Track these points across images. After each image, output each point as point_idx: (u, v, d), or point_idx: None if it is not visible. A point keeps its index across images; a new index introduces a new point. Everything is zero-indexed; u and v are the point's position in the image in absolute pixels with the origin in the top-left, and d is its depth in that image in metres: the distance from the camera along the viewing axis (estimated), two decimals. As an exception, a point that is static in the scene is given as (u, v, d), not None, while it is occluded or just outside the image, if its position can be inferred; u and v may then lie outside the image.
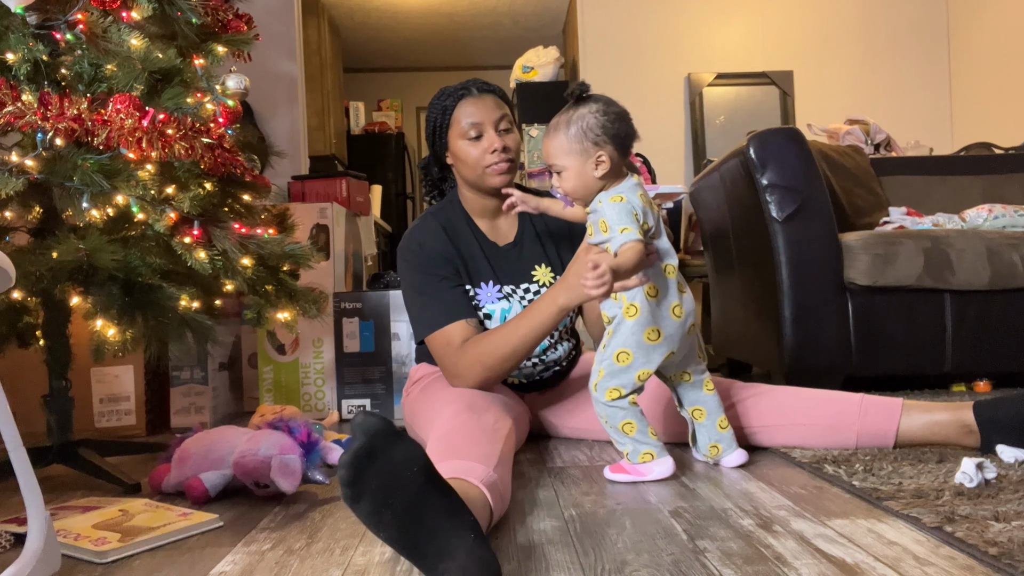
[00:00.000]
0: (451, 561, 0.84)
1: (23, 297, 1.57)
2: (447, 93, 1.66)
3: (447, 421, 1.32)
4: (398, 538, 0.86)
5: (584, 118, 1.36)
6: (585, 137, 1.36)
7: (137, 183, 1.46)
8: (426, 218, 1.70)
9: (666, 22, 4.97)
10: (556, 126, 1.39)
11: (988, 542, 0.95)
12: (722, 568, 0.94)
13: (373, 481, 0.85)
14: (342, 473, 0.84)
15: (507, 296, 1.67)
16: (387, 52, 6.72)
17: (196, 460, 1.41)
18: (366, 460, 0.85)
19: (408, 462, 0.87)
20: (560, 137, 1.38)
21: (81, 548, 1.09)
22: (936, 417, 1.48)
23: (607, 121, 1.36)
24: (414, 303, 1.65)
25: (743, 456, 1.47)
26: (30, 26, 1.47)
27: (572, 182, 1.39)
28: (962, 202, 2.77)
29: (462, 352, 1.55)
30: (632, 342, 1.35)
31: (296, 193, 3.02)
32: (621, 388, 1.37)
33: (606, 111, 1.37)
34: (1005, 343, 2.26)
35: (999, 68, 4.44)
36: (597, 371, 1.38)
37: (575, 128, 1.36)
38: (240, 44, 1.82)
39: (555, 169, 1.41)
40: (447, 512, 0.87)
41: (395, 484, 0.85)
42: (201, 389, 2.36)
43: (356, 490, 0.85)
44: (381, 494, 0.85)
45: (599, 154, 1.36)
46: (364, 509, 0.85)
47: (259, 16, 2.06)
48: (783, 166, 2.23)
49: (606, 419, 1.39)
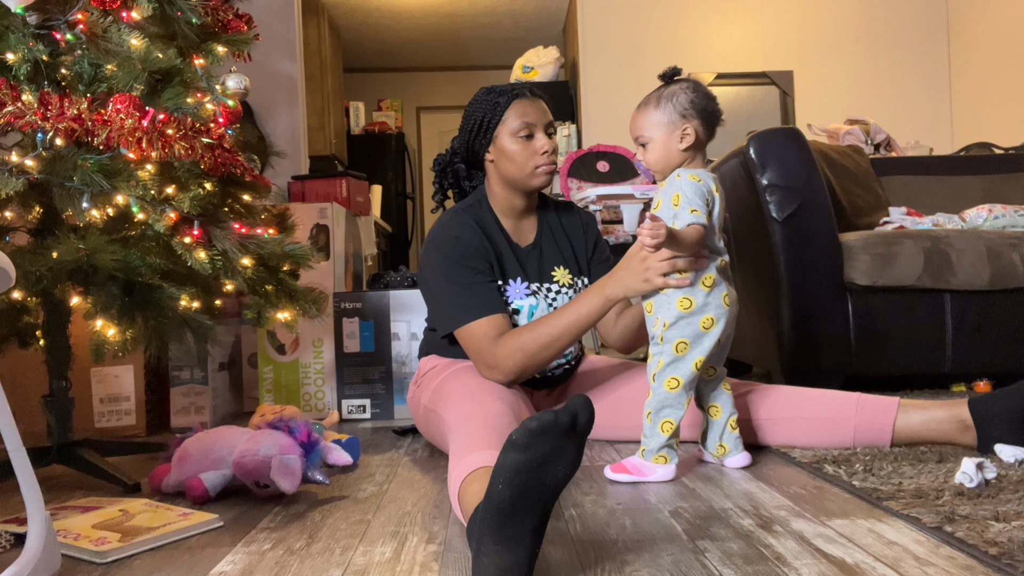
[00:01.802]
0: (511, 555, 0.86)
1: (23, 297, 1.57)
2: (498, 91, 1.67)
3: (491, 406, 1.34)
4: (504, 503, 0.87)
5: (676, 94, 1.45)
6: (674, 110, 1.44)
7: (137, 183, 1.46)
8: (458, 213, 1.69)
9: (666, 22, 4.97)
10: (647, 101, 1.47)
11: (988, 542, 0.95)
12: (722, 568, 0.94)
13: (542, 448, 0.87)
14: (534, 425, 0.86)
15: (534, 293, 1.68)
16: (387, 52, 6.73)
17: (196, 460, 1.41)
18: (557, 430, 0.87)
19: (568, 463, 0.89)
20: (650, 109, 1.46)
21: (81, 548, 1.09)
22: (932, 414, 1.50)
23: (696, 97, 1.45)
24: (445, 293, 1.62)
25: (747, 458, 1.48)
26: (30, 26, 1.47)
27: (656, 153, 1.46)
28: (962, 202, 2.77)
29: (501, 342, 1.54)
30: (689, 332, 1.40)
31: (296, 193, 3.02)
32: (680, 377, 1.40)
33: (696, 88, 1.46)
34: (1005, 343, 2.26)
35: (999, 68, 4.44)
36: (656, 363, 1.41)
37: (665, 102, 1.45)
38: (240, 44, 1.82)
39: (641, 141, 1.48)
40: (542, 523, 0.89)
41: (548, 464, 0.87)
42: (201, 389, 2.36)
43: (528, 439, 0.86)
44: (537, 460, 0.87)
45: (685, 127, 1.44)
46: (511, 459, 0.87)
47: (259, 16, 2.06)
48: (783, 166, 2.23)
49: (654, 410, 1.40)
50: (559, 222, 1.78)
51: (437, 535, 1.14)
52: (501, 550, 0.86)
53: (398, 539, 1.13)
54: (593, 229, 1.84)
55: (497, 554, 0.86)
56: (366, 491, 1.43)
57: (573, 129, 5.03)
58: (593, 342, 3.43)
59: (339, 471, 1.60)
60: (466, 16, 5.99)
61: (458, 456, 1.16)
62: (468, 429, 1.24)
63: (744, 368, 3.02)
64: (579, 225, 1.80)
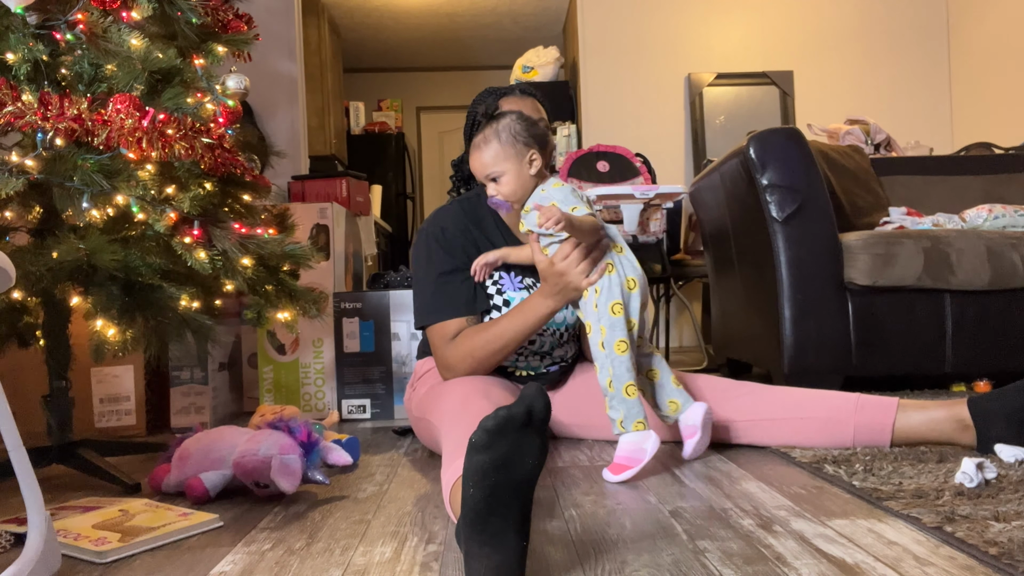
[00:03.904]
0: (497, 554, 0.86)
1: (23, 297, 1.57)
2: (490, 91, 1.76)
3: (465, 410, 1.35)
4: (479, 505, 0.87)
5: (509, 127, 1.52)
6: (516, 141, 1.51)
7: (137, 183, 1.46)
8: (453, 204, 1.76)
9: (666, 22, 4.97)
10: (486, 139, 1.53)
11: (988, 542, 0.95)
12: (722, 568, 0.94)
13: (504, 444, 0.87)
14: (491, 424, 0.87)
15: (528, 287, 1.70)
16: (387, 52, 6.72)
17: (196, 460, 1.41)
18: (514, 424, 0.87)
19: (534, 454, 0.89)
20: (493, 146, 1.51)
21: (81, 548, 1.09)
22: (932, 414, 1.50)
23: (528, 126, 1.53)
24: (424, 290, 1.69)
25: (702, 407, 1.52)
26: (30, 26, 1.47)
27: (511, 184, 1.52)
28: (962, 202, 2.77)
29: (454, 345, 1.61)
30: (617, 292, 1.47)
31: (296, 193, 3.02)
32: (624, 340, 1.44)
33: (522, 118, 1.54)
34: (1005, 343, 2.26)
35: (999, 68, 4.44)
36: (599, 329, 1.46)
37: (505, 135, 1.51)
38: (240, 44, 1.82)
39: (492, 176, 1.53)
40: (524, 517, 0.89)
41: (514, 460, 0.88)
42: (201, 389, 2.36)
43: (490, 439, 0.87)
44: (501, 459, 0.87)
45: (531, 153, 1.52)
46: (475, 461, 0.87)
47: (259, 16, 2.06)
48: (783, 166, 2.23)
49: (612, 379, 1.44)
50: None
51: (437, 535, 1.14)
52: (488, 551, 0.87)
53: (398, 539, 1.13)
54: None
55: (485, 556, 0.87)
56: (366, 491, 1.43)
57: (573, 129, 5.02)
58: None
59: (339, 471, 1.61)
60: (466, 16, 5.99)
61: (447, 462, 1.18)
62: (455, 435, 1.24)
63: (744, 368, 3.02)
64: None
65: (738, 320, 2.68)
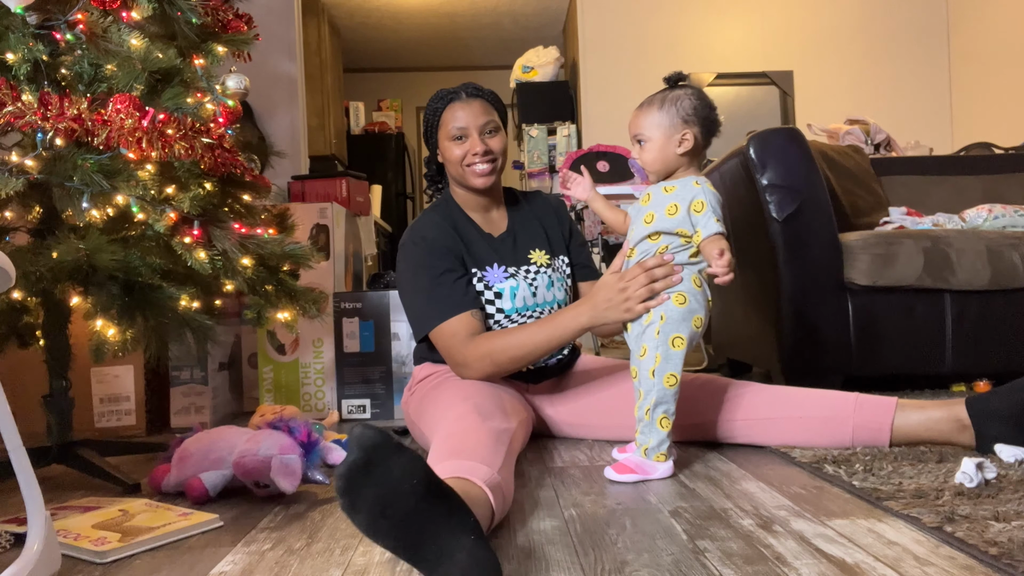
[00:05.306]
0: (451, 563, 0.85)
1: (23, 297, 1.57)
2: (439, 96, 1.73)
3: (453, 422, 1.33)
4: (396, 546, 0.87)
5: (680, 99, 1.46)
6: (677, 114, 1.45)
7: (137, 183, 1.46)
8: (426, 213, 1.76)
9: (666, 22, 4.97)
10: (650, 101, 1.48)
11: (988, 542, 0.95)
12: (722, 568, 0.94)
13: (370, 493, 0.85)
14: (338, 484, 0.85)
15: (513, 275, 1.71)
16: (387, 52, 6.72)
17: (196, 460, 1.41)
18: (362, 473, 0.85)
19: (407, 475, 0.87)
20: (652, 110, 1.47)
21: (81, 548, 1.09)
22: (930, 414, 1.50)
23: (699, 105, 1.46)
24: (417, 299, 1.67)
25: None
26: (30, 26, 1.47)
27: (653, 154, 1.47)
28: (962, 202, 2.77)
29: (473, 344, 1.58)
30: (684, 328, 1.41)
31: (296, 193, 3.01)
32: (677, 374, 1.40)
33: (700, 96, 1.47)
34: (1005, 343, 2.26)
35: (999, 68, 4.45)
36: (653, 357, 1.40)
37: (669, 104, 1.46)
38: (240, 44, 1.82)
39: (639, 138, 1.48)
40: (446, 514, 0.88)
41: (393, 496, 0.86)
42: (201, 389, 2.35)
43: (352, 500, 0.85)
44: (378, 506, 0.85)
45: (685, 132, 1.45)
46: (361, 520, 0.86)
47: (259, 16, 2.06)
48: (783, 166, 2.23)
49: (652, 408, 1.40)
50: (530, 210, 1.84)
51: (437, 535, 1.14)
52: (446, 568, 0.85)
53: (398, 539, 1.13)
54: (564, 213, 1.89)
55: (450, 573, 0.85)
56: (366, 491, 1.43)
57: (573, 129, 5.03)
58: (593, 343, 3.43)
59: (339, 471, 1.60)
60: (466, 16, 5.99)
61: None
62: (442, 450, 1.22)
63: (744, 368, 3.02)
64: (550, 208, 1.86)
65: (738, 320, 2.68)
